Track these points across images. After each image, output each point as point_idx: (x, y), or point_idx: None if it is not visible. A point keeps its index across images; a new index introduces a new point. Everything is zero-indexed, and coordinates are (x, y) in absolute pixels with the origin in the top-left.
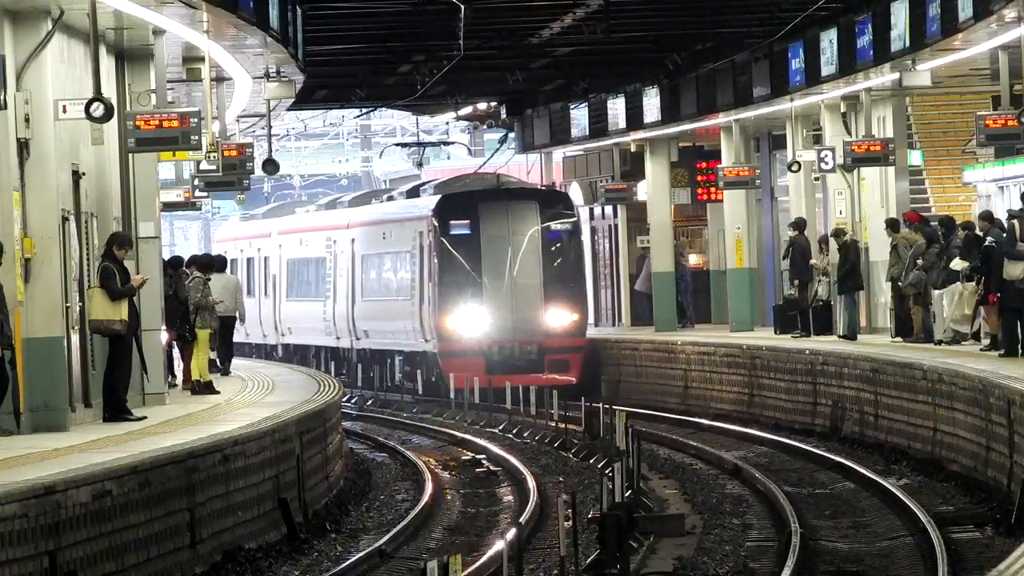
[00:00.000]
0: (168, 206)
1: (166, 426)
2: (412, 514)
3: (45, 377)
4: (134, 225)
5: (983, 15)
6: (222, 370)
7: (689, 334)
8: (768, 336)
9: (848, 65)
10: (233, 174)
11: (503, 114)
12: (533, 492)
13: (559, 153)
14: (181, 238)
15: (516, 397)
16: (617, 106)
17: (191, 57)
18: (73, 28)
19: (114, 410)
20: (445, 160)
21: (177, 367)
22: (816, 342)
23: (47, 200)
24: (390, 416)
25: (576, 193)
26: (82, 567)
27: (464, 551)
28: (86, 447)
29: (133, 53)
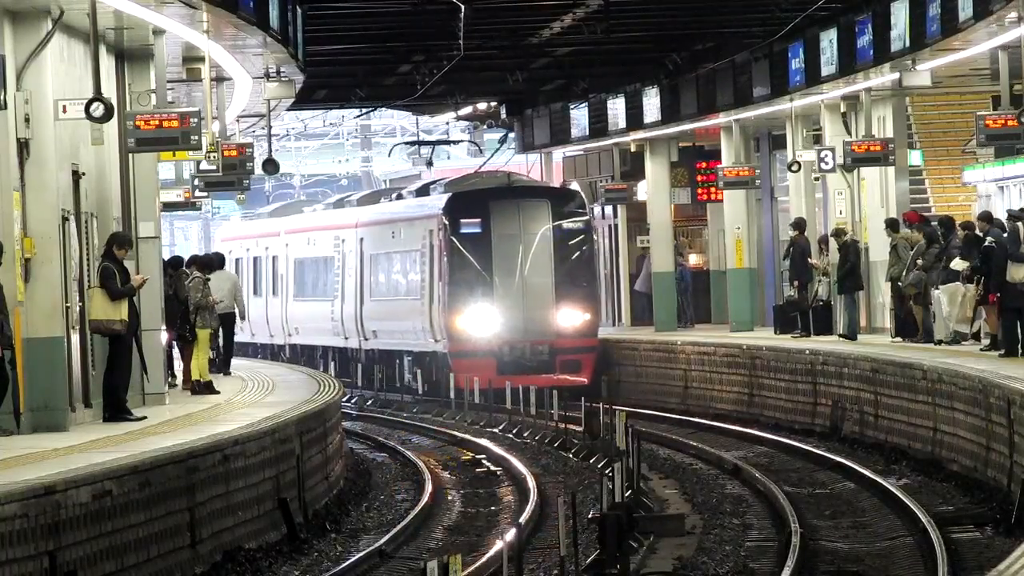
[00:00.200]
0: (168, 206)
1: (166, 426)
2: (412, 514)
3: (45, 377)
4: (134, 225)
5: (983, 15)
6: (223, 370)
7: (689, 334)
8: (768, 336)
9: (848, 65)
10: (233, 174)
11: (503, 114)
12: (533, 492)
13: (559, 153)
14: (181, 238)
15: (516, 397)
16: (617, 106)
17: (191, 57)
18: (73, 28)
19: (114, 410)
20: (445, 160)
21: (177, 367)
22: (816, 342)
23: (47, 200)
24: (390, 416)
25: None
26: (82, 567)
27: (464, 551)
28: (86, 447)
29: (133, 53)
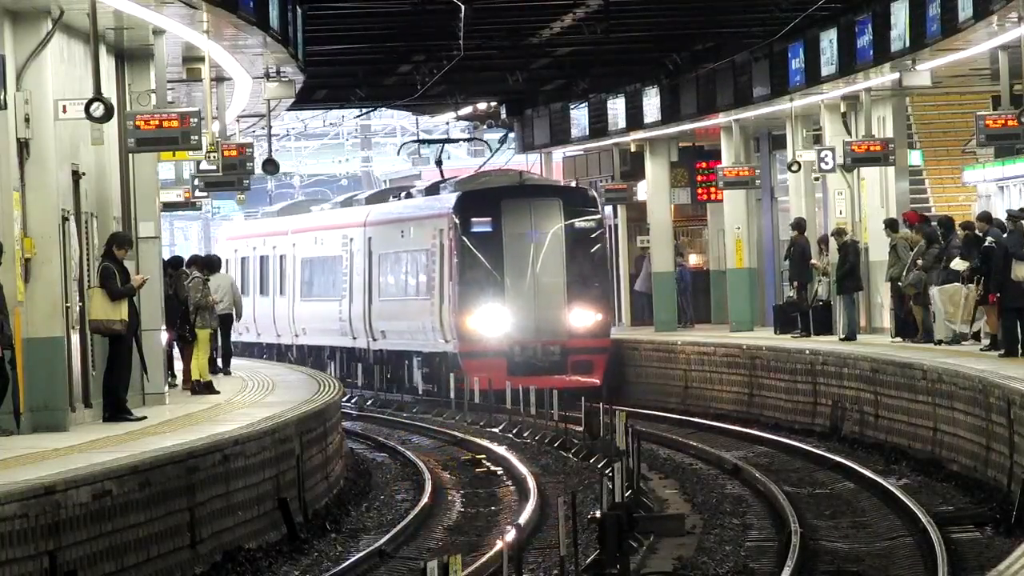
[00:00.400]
0: (168, 206)
1: (166, 426)
2: (412, 514)
3: (45, 377)
4: (134, 225)
5: (983, 15)
6: (224, 369)
7: (689, 334)
8: (768, 336)
9: (848, 65)
10: (233, 174)
11: (503, 114)
12: (533, 492)
13: (559, 153)
14: (181, 238)
15: (516, 397)
16: (617, 106)
17: (191, 57)
18: (73, 28)
19: (114, 410)
20: (446, 159)
21: (177, 367)
22: (816, 342)
23: (47, 200)
24: (390, 416)
25: None
26: (82, 567)
27: (464, 551)
28: (86, 447)
29: (133, 53)
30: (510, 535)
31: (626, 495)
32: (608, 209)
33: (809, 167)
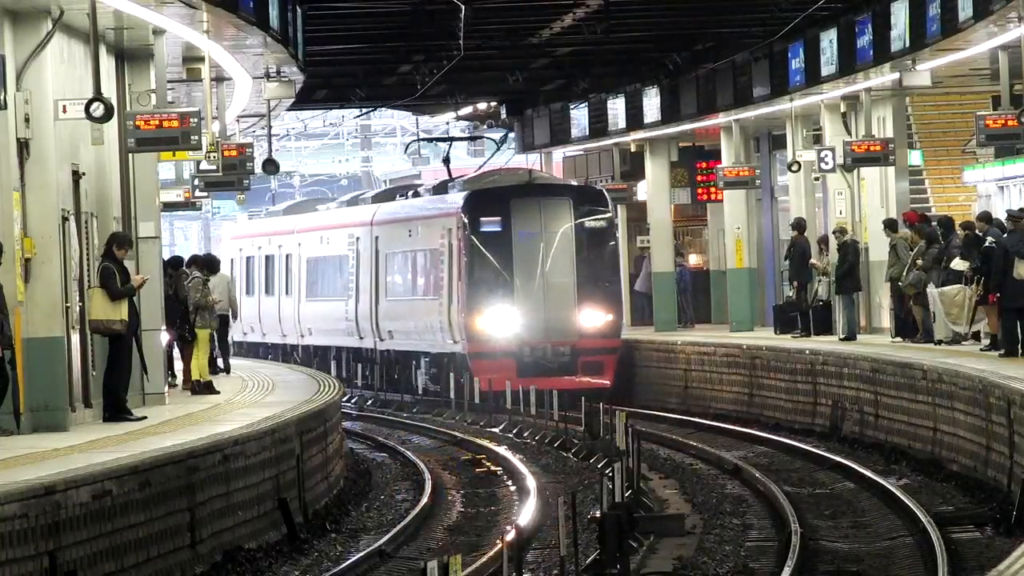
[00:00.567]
0: (168, 206)
1: (166, 426)
2: (412, 514)
3: (45, 377)
4: (134, 225)
5: (983, 15)
6: (225, 367)
7: (689, 334)
8: (768, 336)
9: (848, 65)
10: (233, 174)
11: (503, 114)
12: (533, 492)
13: (559, 153)
14: (181, 238)
15: (516, 397)
16: (617, 106)
17: (191, 57)
18: (73, 28)
19: (114, 410)
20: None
21: (177, 367)
22: (816, 342)
23: (47, 200)
24: (390, 416)
25: None
26: (82, 567)
27: (464, 551)
28: (86, 447)
29: (133, 53)
30: (510, 535)
31: (626, 495)
32: None
33: (809, 167)
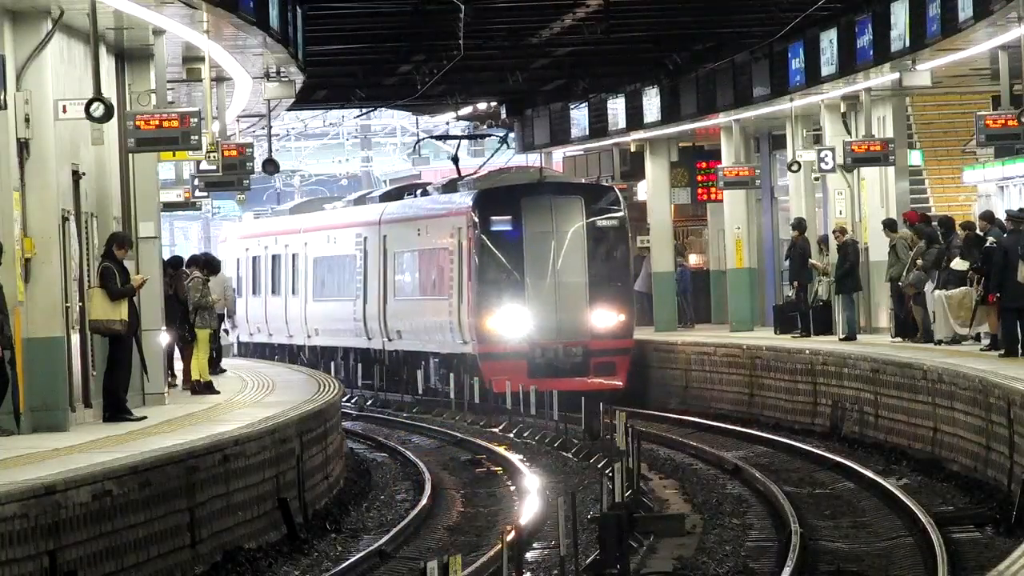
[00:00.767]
0: (168, 206)
1: (166, 426)
2: (412, 514)
3: (45, 377)
4: (134, 225)
5: (983, 15)
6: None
7: (689, 334)
8: (768, 336)
9: (848, 65)
10: (233, 174)
11: (503, 114)
12: (533, 492)
13: (559, 153)
14: (181, 238)
15: (516, 398)
16: (617, 106)
17: (191, 57)
18: (73, 28)
19: (114, 410)
20: (445, 159)
21: (177, 367)
22: (816, 342)
23: (47, 200)
24: (390, 416)
25: None
26: (82, 567)
27: (464, 551)
28: (86, 447)
29: (133, 53)
30: (510, 535)
31: (626, 495)
32: None
33: (809, 167)
